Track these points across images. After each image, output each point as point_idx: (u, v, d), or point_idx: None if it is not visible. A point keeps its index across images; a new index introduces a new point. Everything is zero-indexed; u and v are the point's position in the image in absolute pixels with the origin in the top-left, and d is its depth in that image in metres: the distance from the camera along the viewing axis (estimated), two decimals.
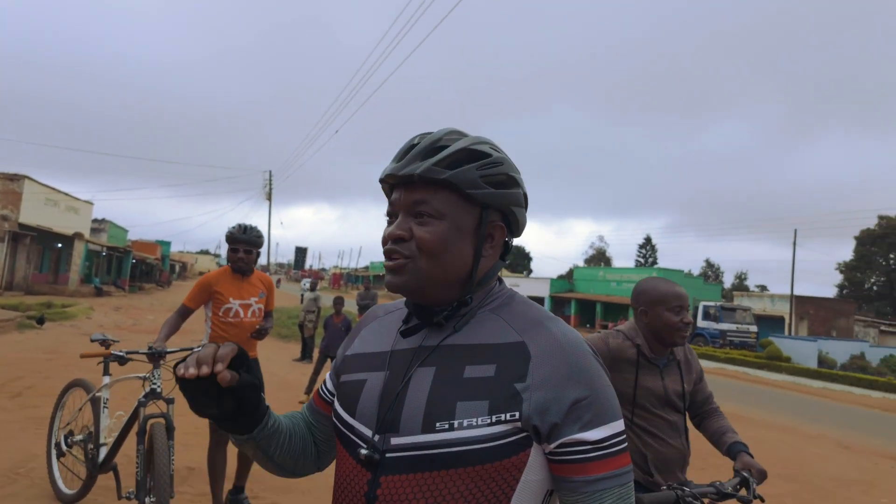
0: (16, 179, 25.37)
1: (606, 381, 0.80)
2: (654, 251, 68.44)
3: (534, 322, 0.83)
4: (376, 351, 0.91)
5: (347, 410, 0.87)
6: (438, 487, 0.75)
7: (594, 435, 0.76)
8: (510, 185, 0.87)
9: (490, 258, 0.88)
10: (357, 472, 0.81)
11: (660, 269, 39.94)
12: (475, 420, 0.75)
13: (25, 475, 3.72)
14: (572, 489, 0.76)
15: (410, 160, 0.84)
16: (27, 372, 7.12)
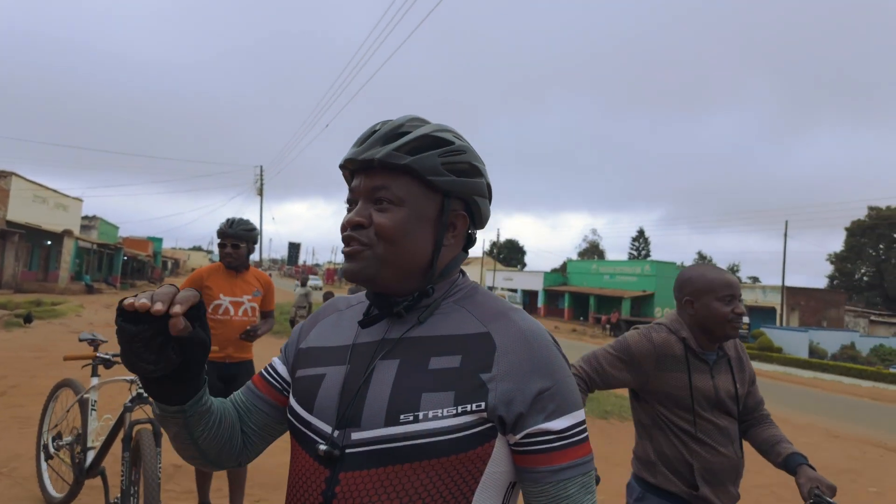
0: (3, 176, 25.08)
1: (568, 371, 0.81)
2: (647, 244, 68.73)
3: (498, 313, 0.83)
4: (336, 345, 0.88)
5: (304, 406, 0.84)
6: (401, 482, 0.73)
7: (558, 425, 0.76)
8: (473, 174, 0.85)
9: (452, 248, 0.87)
10: (315, 470, 0.78)
11: (653, 262, 40.10)
12: (441, 411, 0.74)
13: (8, 475, 3.67)
14: (536, 479, 0.76)
15: (371, 145, 0.82)
16: (13, 371, 7.04)
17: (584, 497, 0.76)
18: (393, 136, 0.82)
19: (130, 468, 2.65)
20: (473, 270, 53.17)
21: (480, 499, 0.76)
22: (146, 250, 47.09)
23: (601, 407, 7.77)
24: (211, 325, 3.17)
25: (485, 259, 52.53)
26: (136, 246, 45.07)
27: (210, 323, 3.13)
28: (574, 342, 23.29)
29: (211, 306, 3.18)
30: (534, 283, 46.52)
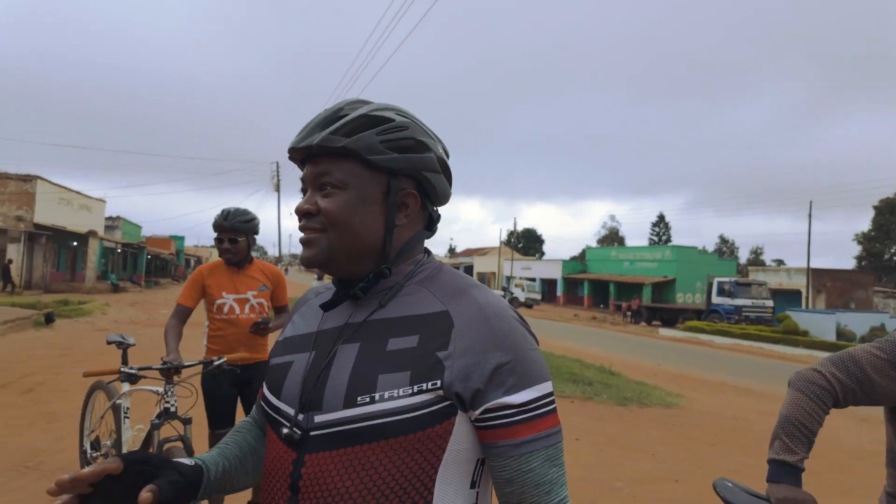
0: (28, 180, 25.70)
1: (532, 344, 0.80)
2: (667, 229, 67.76)
3: (458, 290, 0.82)
4: (304, 332, 0.90)
5: (273, 392, 0.86)
6: (362, 462, 0.74)
7: (518, 398, 0.75)
8: (419, 149, 0.84)
9: (406, 228, 0.86)
10: (283, 453, 0.80)
11: (673, 247, 39.53)
12: (396, 391, 0.74)
13: (35, 468, 3.77)
14: (499, 454, 0.76)
15: (310, 132, 0.83)
16: (40, 368, 7.23)
17: (549, 470, 0.76)
18: (331, 121, 0.82)
19: None
20: (491, 260, 53.07)
21: (445, 476, 0.76)
22: (169, 248, 47.96)
23: (620, 393, 7.70)
24: (217, 326, 3.00)
25: (502, 248, 52.34)
26: (158, 245, 45.93)
27: (217, 324, 3.02)
28: (594, 330, 23.14)
29: (215, 306, 3.00)
30: (552, 271, 46.25)
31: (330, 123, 0.82)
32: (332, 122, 0.82)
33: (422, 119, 0.89)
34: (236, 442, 0.95)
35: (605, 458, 4.86)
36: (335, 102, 0.86)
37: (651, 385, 8.80)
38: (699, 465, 4.87)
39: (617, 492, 4.05)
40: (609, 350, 14.62)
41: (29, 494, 3.35)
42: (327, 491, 0.74)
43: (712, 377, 10.98)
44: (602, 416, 6.50)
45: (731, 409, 7.64)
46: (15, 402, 5.48)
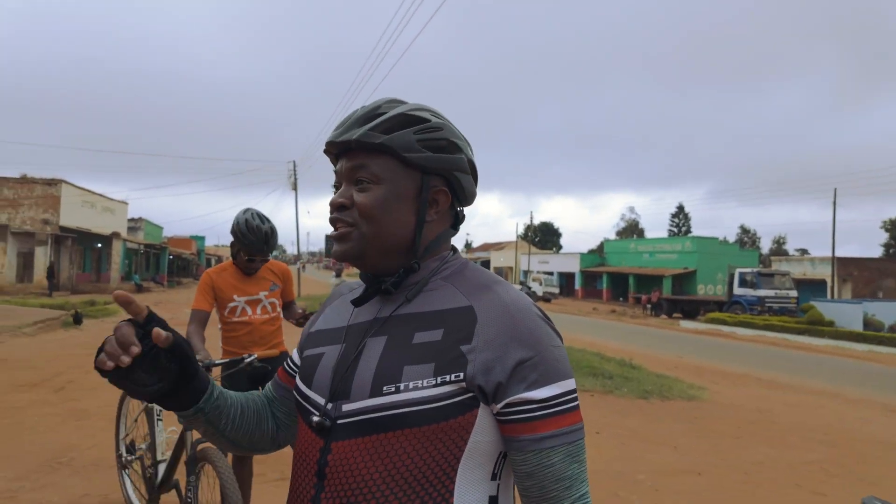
0: (53, 184, 26.31)
1: (555, 341, 0.81)
2: (687, 220, 66.79)
3: (482, 286, 0.84)
4: (335, 326, 0.93)
5: (305, 382, 0.89)
6: (386, 450, 0.76)
7: (540, 394, 0.76)
8: (451, 150, 0.87)
9: (436, 224, 0.89)
10: (311, 441, 0.83)
11: (693, 238, 38.99)
12: (421, 382, 0.76)
13: (67, 464, 3.88)
14: (520, 448, 0.77)
15: (348, 128, 0.85)
16: (70, 367, 7.43)
17: (570, 465, 0.77)
18: (369, 118, 0.85)
19: (198, 492, 2.41)
20: (508, 255, 52.93)
21: (467, 467, 0.78)
22: (190, 248, 48.74)
23: (641, 387, 7.65)
24: (230, 328, 2.98)
25: (519, 243, 52.14)
26: (180, 245, 46.70)
27: (231, 326, 2.99)
28: (613, 323, 22.96)
29: (227, 309, 2.95)
30: (570, 264, 45.95)
31: (369, 120, 0.84)
32: (370, 119, 0.84)
33: (446, 114, 0.91)
34: (248, 397, 0.98)
35: (627, 451, 4.84)
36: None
37: (672, 378, 8.72)
38: (723, 457, 4.82)
39: (639, 484, 4.03)
40: (629, 343, 14.50)
41: (62, 489, 3.45)
42: (352, 477, 0.76)
43: (735, 369, 10.83)
44: (623, 409, 6.46)
45: (754, 401, 7.53)
46: (47, 399, 5.64)
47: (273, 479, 3.74)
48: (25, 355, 8.24)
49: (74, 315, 12.42)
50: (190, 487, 2.37)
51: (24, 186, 26.02)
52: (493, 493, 0.80)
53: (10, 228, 24.50)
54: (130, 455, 3.08)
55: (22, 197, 25.87)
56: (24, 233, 24.81)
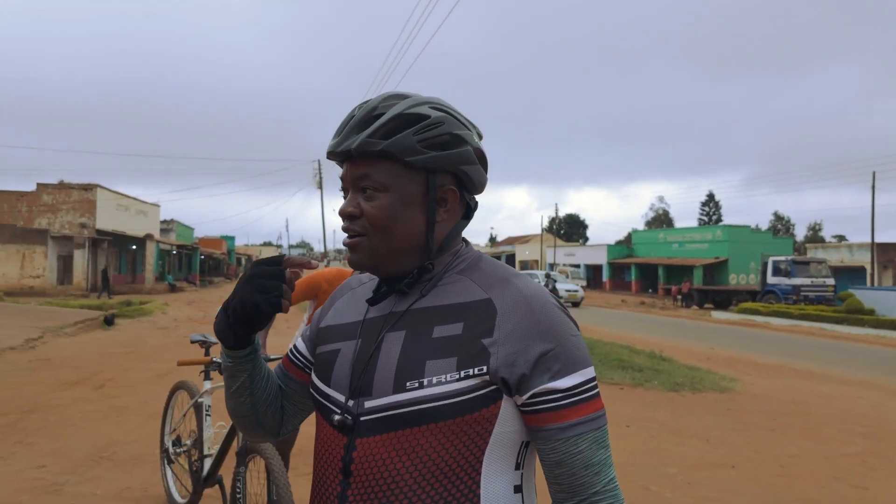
0: (89, 189, 27.19)
1: (573, 331, 0.81)
2: (717, 208, 65.21)
3: (499, 279, 0.84)
4: (349, 321, 0.92)
5: (323, 380, 0.89)
6: (412, 445, 0.77)
7: (564, 383, 0.77)
8: (455, 144, 0.84)
9: (447, 222, 0.87)
10: (334, 439, 0.83)
11: (725, 227, 38.09)
12: (444, 377, 0.77)
13: (109, 458, 4.03)
14: (548, 437, 0.77)
15: (347, 134, 0.83)
16: (108, 365, 7.69)
17: (597, 451, 0.77)
18: (367, 122, 0.82)
19: (246, 484, 2.41)
20: (533, 248, 52.59)
21: (491, 458, 0.78)
22: (220, 248, 49.83)
23: (671, 379, 7.53)
24: None
25: (544, 236, 51.75)
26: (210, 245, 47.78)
27: None
28: (643, 315, 22.64)
29: None
30: (597, 256, 45.40)
31: (366, 125, 0.82)
32: (368, 124, 0.82)
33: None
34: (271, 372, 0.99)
35: (657, 444, 4.78)
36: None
37: (704, 370, 8.56)
38: (757, 450, 4.72)
39: (670, 478, 3.99)
40: (659, 335, 14.29)
41: (105, 482, 3.59)
42: (378, 473, 0.77)
43: (769, 360, 10.58)
44: (653, 402, 6.38)
45: (790, 392, 7.35)
46: (89, 396, 5.86)
47: (304, 473, 3.81)
48: (67, 354, 8.56)
49: (106, 317, 12.78)
50: (239, 478, 2.38)
51: (62, 192, 26.96)
52: (518, 482, 0.81)
53: (49, 233, 25.43)
54: (177, 449, 3.10)
55: (60, 202, 26.83)
56: (63, 237, 25.73)
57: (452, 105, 0.90)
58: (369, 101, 0.86)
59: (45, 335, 10.33)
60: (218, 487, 2.84)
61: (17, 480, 3.57)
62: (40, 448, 4.20)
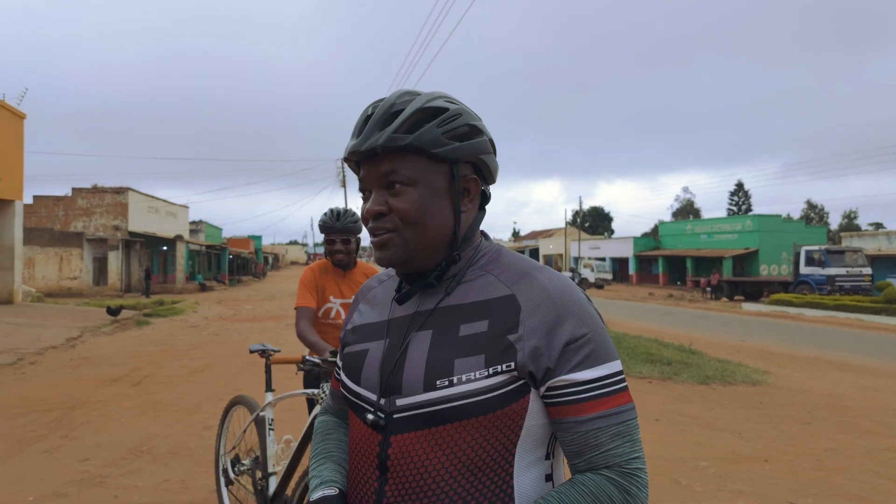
0: (121, 192, 27.94)
1: (598, 323, 0.81)
2: (747, 198, 63.67)
3: (521, 273, 0.85)
4: (374, 321, 0.93)
5: (353, 379, 0.90)
6: (446, 441, 0.78)
7: (585, 376, 0.77)
8: (473, 134, 0.86)
9: (470, 212, 0.89)
10: (368, 436, 0.84)
11: (755, 216, 37.19)
12: (473, 374, 0.78)
13: (148, 452, 4.17)
14: (566, 429, 0.78)
15: (369, 133, 0.83)
16: (144, 363, 7.93)
17: (619, 444, 0.78)
18: (388, 118, 0.82)
19: None
20: (557, 242, 52.16)
21: (523, 450, 0.80)
22: (248, 248, 50.72)
23: (701, 372, 7.42)
24: (321, 330, 2.87)
25: (568, 229, 51.27)
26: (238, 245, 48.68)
27: (320, 327, 2.90)
28: (671, 308, 22.28)
29: (321, 310, 2.88)
30: (623, 249, 44.79)
31: (388, 121, 0.82)
32: (390, 121, 0.82)
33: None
34: (338, 445, 0.99)
35: (688, 437, 4.73)
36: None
37: (735, 363, 8.40)
38: (792, 444, 4.63)
39: (702, 471, 3.94)
40: (688, 328, 14.06)
41: (145, 475, 3.71)
42: (415, 468, 0.79)
43: (803, 352, 10.32)
44: (682, 395, 6.30)
45: (825, 385, 7.17)
46: (127, 393, 6.06)
47: None
48: (106, 353, 8.86)
49: (114, 309, 12.80)
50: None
51: (96, 195, 27.77)
52: (549, 471, 0.83)
53: (85, 235, 26.23)
54: (237, 469, 2.89)
55: (94, 206, 27.64)
56: (97, 239, 26.52)
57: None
58: (384, 99, 0.86)
59: (84, 334, 10.69)
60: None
61: (64, 473, 3.72)
62: (84, 442, 4.37)
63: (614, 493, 0.76)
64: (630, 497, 0.76)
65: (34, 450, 4.17)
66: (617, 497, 0.76)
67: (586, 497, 0.75)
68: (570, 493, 0.76)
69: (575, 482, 0.78)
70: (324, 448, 0.98)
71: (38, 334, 10.08)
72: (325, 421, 1.05)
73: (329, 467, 0.93)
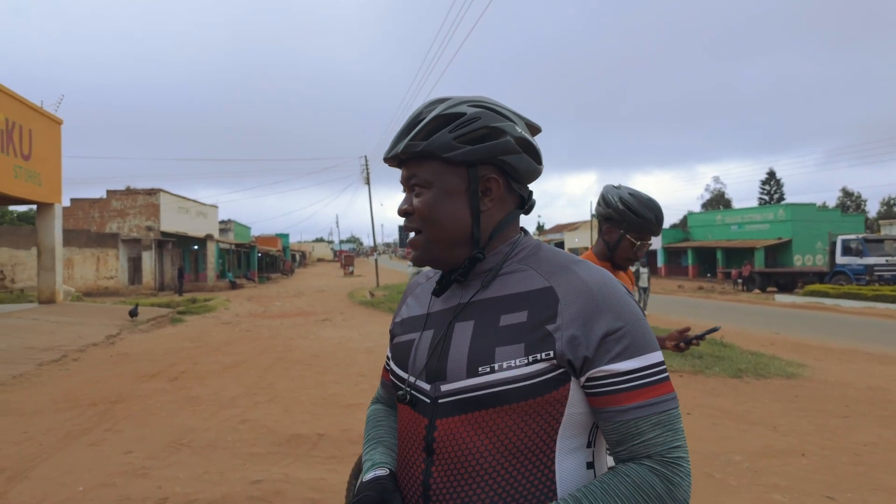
0: (153, 193, 28.68)
1: (637, 315, 0.83)
2: (779, 187, 61.89)
3: (560, 266, 0.88)
4: (419, 313, 0.99)
5: (400, 367, 0.96)
6: (489, 424, 0.82)
7: (624, 366, 0.79)
8: (493, 136, 0.88)
9: (495, 211, 0.91)
10: (415, 420, 0.89)
11: (787, 205, 36.17)
12: (514, 361, 0.81)
13: (187, 445, 4.31)
14: (608, 419, 0.81)
15: (396, 141, 0.92)
16: (180, 359, 8.17)
17: (661, 434, 0.79)
18: (410, 127, 0.90)
19: None
20: (582, 236, 51.63)
21: (564, 437, 0.83)
22: (276, 246, 51.53)
23: (734, 365, 7.29)
24: None
25: (594, 222, 50.67)
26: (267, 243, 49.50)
27: None
28: (701, 300, 21.88)
29: None
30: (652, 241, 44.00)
31: (410, 130, 0.90)
32: (411, 129, 0.90)
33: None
34: (388, 432, 1.04)
35: (721, 431, 4.66)
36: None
37: (768, 355, 8.23)
38: (830, 438, 4.53)
39: (736, 465, 3.89)
40: (719, 321, 13.78)
41: (186, 467, 3.85)
42: (459, 451, 0.83)
43: (840, 344, 10.03)
44: (714, 389, 6.21)
45: (864, 378, 6.97)
46: (165, 388, 6.26)
47: None
48: (143, 349, 9.15)
49: (131, 310, 13.10)
50: None
51: (129, 197, 28.57)
52: (590, 459, 0.85)
53: (120, 236, 27.03)
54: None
55: (128, 207, 28.45)
56: (132, 239, 27.30)
57: (498, 100, 0.93)
58: (417, 108, 0.94)
59: (122, 332, 11.05)
60: None
61: (109, 464, 3.88)
62: (127, 435, 4.54)
63: (657, 483, 0.77)
64: (673, 486, 0.78)
65: (81, 442, 4.36)
66: (659, 486, 0.77)
67: (628, 486, 0.77)
68: (612, 483, 0.78)
69: (617, 471, 0.79)
70: (375, 434, 1.04)
71: (80, 332, 10.47)
72: (376, 409, 1.11)
73: (380, 451, 0.98)
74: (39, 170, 14.13)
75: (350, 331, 11.53)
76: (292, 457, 4.08)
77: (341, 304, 18.73)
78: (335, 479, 3.63)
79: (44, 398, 5.78)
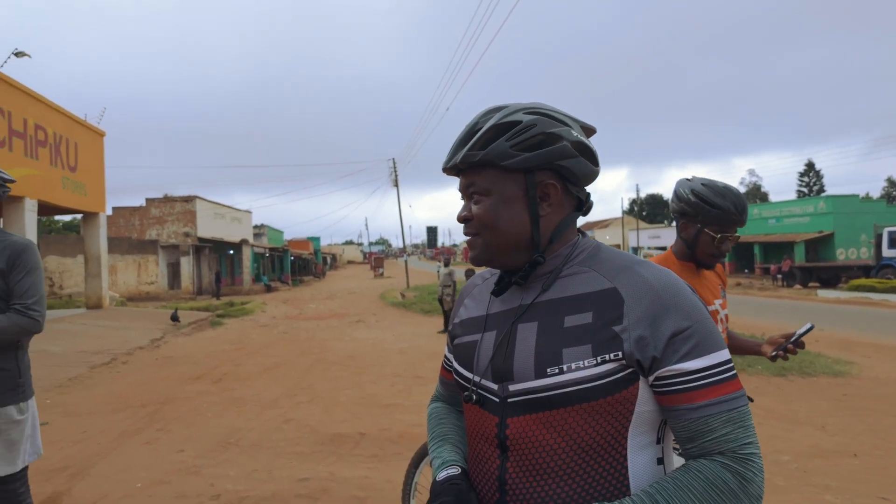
0: (189, 200, 29.53)
1: (703, 313, 0.84)
2: (818, 178, 59.76)
3: (623, 267, 0.88)
4: (480, 314, 1.01)
5: (466, 367, 0.98)
6: (560, 423, 0.84)
7: (693, 365, 0.81)
8: (550, 142, 0.90)
9: (553, 215, 0.93)
10: (485, 418, 0.91)
11: (828, 197, 34.91)
12: (582, 363, 0.83)
13: (235, 444, 4.45)
14: (678, 416, 0.82)
15: (454, 151, 0.95)
16: (221, 361, 8.41)
17: (731, 430, 0.80)
18: (468, 137, 0.93)
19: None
20: (614, 232, 50.87)
21: (635, 434, 0.84)
22: (308, 249, 52.44)
23: (778, 363, 7.09)
24: None
25: (625, 218, 49.89)
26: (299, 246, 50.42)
27: None
28: (739, 297, 21.33)
29: None
30: None
31: (467, 140, 0.93)
32: (469, 139, 0.93)
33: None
34: (453, 429, 1.07)
35: (766, 431, 4.56)
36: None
37: (814, 353, 7.98)
38: (882, 438, 4.38)
39: (783, 466, 3.81)
40: (759, 317, 13.43)
41: (235, 465, 3.98)
42: (533, 448, 0.85)
43: (891, 341, 9.66)
44: (758, 388, 6.06)
45: None
46: (209, 389, 6.46)
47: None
48: (186, 352, 9.45)
49: (173, 314, 13.50)
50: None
51: (167, 205, 29.50)
52: (660, 454, 0.87)
53: (159, 243, 27.92)
54: None
55: (166, 214, 29.38)
56: (170, 245, 28.16)
57: (553, 105, 0.95)
58: (473, 118, 0.96)
59: (165, 335, 11.43)
60: None
61: (163, 462, 4.04)
62: (177, 434, 4.72)
63: (729, 479, 0.78)
64: (746, 482, 0.79)
65: (135, 441, 4.55)
66: (732, 482, 0.78)
67: (702, 482, 0.78)
68: (685, 479, 0.79)
69: (689, 468, 0.81)
70: (440, 432, 1.06)
71: (126, 336, 10.87)
72: (437, 407, 1.14)
73: (448, 449, 1.01)
74: (85, 180, 14.72)
75: (383, 332, 11.66)
76: (335, 455, 4.17)
77: (373, 305, 18.94)
78: (378, 478, 3.70)
79: (97, 399, 6.05)
